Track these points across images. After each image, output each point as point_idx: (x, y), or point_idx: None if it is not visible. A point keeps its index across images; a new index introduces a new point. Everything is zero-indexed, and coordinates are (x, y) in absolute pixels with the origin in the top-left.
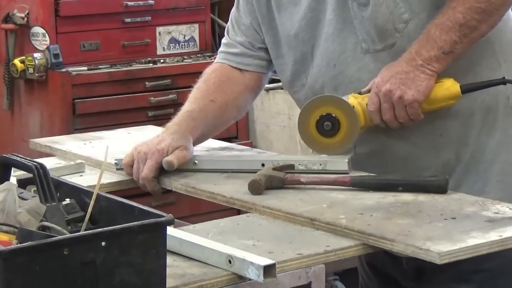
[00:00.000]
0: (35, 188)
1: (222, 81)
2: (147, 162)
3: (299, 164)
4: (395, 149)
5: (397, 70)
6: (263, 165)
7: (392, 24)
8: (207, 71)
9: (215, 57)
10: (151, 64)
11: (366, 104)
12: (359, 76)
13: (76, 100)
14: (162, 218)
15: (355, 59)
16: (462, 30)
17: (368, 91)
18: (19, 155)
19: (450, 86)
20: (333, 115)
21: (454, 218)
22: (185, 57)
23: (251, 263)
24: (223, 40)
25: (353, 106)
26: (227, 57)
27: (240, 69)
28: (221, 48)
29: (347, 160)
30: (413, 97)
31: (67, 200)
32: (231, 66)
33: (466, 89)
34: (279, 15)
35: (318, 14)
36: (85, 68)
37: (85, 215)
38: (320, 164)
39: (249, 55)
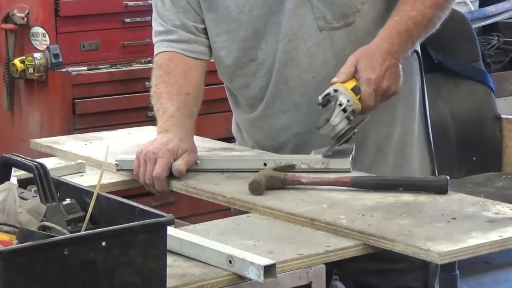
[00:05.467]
0: (36, 188)
1: (185, 70)
2: (159, 161)
3: (302, 163)
4: None
5: (389, 64)
6: (265, 164)
7: (354, 3)
8: (163, 61)
9: None
10: (151, 64)
11: (352, 90)
12: (313, 52)
13: (76, 100)
14: (163, 218)
15: (311, 35)
16: (428, 25)
17: (347, 79)
18: (19, 155)
19: None
20: None
21: (455, 219)
22: None
23: (252, 263)
24: (158, 28)
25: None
26: (172, 45)
27: (185, 55)
28: (161, 37)
29: (349, 158)
30: (399, 89)
31: (68, 200)
32: (175, 52)
33: None
34: None
35: None
36: (85, 68)
37: (85, 215)
38: (323, 163)
39: (192, 40)
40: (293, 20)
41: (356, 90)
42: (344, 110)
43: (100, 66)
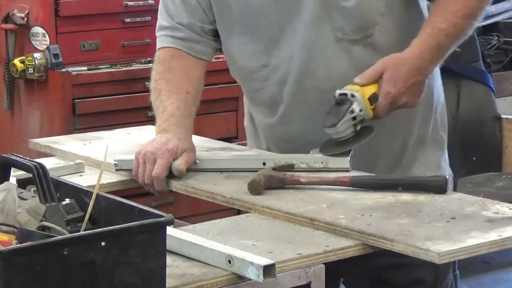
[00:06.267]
0: (35, 188)
1: (186, 69)
2: (158, 161)
3: (301, 162)
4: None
5: (413, 82)
6: (264, 164)
7: (373, 16)
8: (165, 57)
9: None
10: (151, 64)
11: (369, 99)
12: (330, 63)
13: (76, 100)
14: (162, 218)
15: (328, 46)
16: (460, 36)
17: (370, 82)
18: (19, 155)
19: None
20: None
21: (454, 218)
22: None
23: (251, 263)
24: (164, 23)
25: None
26: (176, 42)
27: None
28: (165, 32)
29: (348, 157)
30: (417, 104)
31: (67, 200)
32: (177, 49)
33: None
34: None
35: None
36: (85, 68)
37: (84, 215)
38: (322, 162)
39: (197, 40)
40: (311, 30)
41: (373, 98)
42: (354, 118)
43: (100, 66)
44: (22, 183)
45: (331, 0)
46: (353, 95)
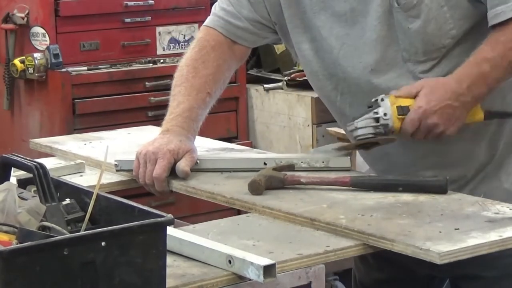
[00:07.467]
0: (35, 188)
1: (220, 67)
2: (159, 161)
3: (302, 162)
4: (429, 144)
5: (447, 104)
6: (265, 163)
7: (439, 39)
8: (206, 45)
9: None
10: (151, 64)
11: (398, 111)
12: (395, 83)
13: (76, 100)
14: (162, 218)
15: (394, 66)
16: (509, 67)
17: (406, 96)
18: (19, 155)
19: (475, 113)
20: None
21: (455, 218)
22: None
23: (251, 263)
24: (223, 5)
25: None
26: (226, 27)
27: (233, 41)
28: (220, 13)
29: (349, 156)
30: (451, 132)
31: (67, 200)
32: (225, 36)
33: (488, 117)
34: (310, 1)
35: (358, 16)
36: (85, 68)
37: (85, 215)
38: (323, 162)
39: (252, 32)
40: (376, 49)
41: (403, 109)
42: (377, 120)
43: (100, 66)
44: (22, 183)
45: (396, 20)
46: (382, 99)
